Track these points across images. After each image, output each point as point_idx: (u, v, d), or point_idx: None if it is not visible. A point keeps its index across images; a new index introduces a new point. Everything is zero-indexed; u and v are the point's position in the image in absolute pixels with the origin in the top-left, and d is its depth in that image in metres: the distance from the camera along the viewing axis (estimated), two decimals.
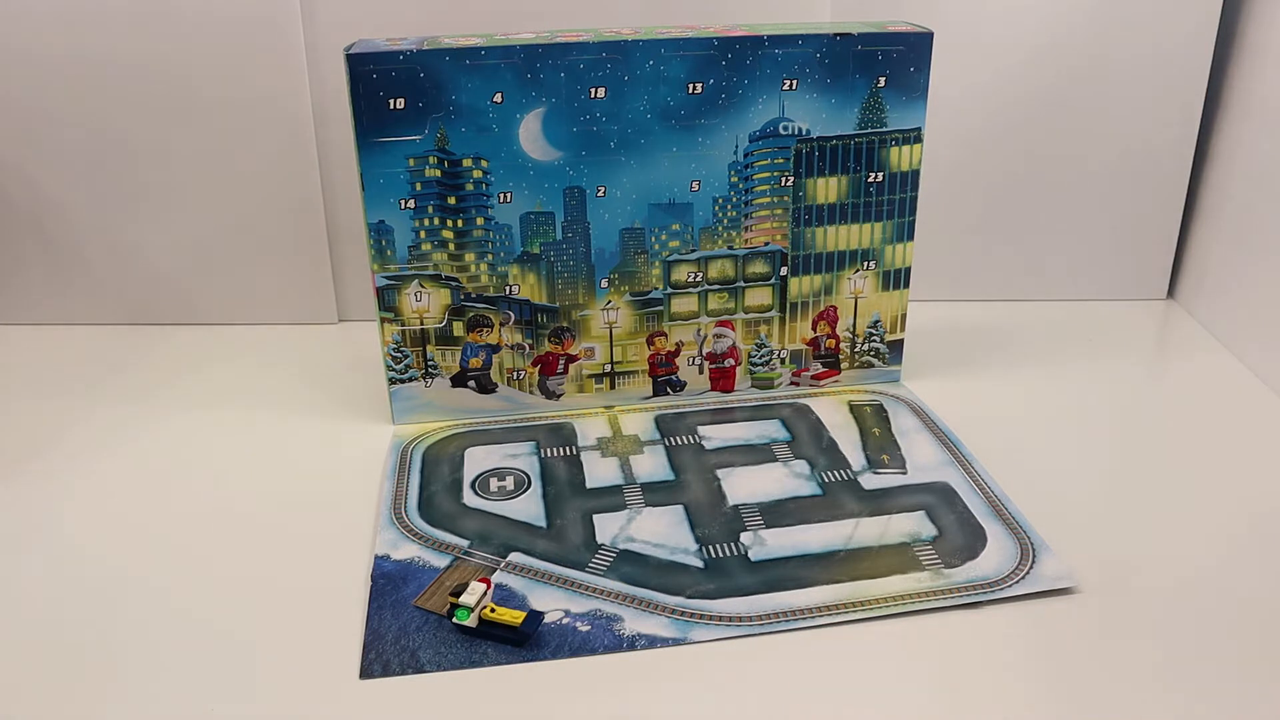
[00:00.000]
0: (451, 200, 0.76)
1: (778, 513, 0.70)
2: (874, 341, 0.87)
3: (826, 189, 0.80)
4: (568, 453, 0.78)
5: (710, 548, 0.66)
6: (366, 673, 0.56)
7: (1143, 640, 0.58)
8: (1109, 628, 0.59)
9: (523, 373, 0.82)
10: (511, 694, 0.55)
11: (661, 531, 0.68)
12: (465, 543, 0.67)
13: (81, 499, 0.73)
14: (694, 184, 0.78)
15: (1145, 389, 0.90)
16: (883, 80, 0.77)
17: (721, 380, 0.86)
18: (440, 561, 0.65)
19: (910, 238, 0.83)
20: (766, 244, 0.81)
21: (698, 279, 0.82)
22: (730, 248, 0.81)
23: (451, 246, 0.77)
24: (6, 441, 0.81)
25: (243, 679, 0.56)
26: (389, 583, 0.63)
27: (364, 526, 0.69)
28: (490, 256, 0.78)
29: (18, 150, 0.96)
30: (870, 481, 0.73)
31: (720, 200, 0.79)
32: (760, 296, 0.83)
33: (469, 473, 0.75)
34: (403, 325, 0.79)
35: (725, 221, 0.80)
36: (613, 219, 0.78)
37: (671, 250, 0.80)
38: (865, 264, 0.83)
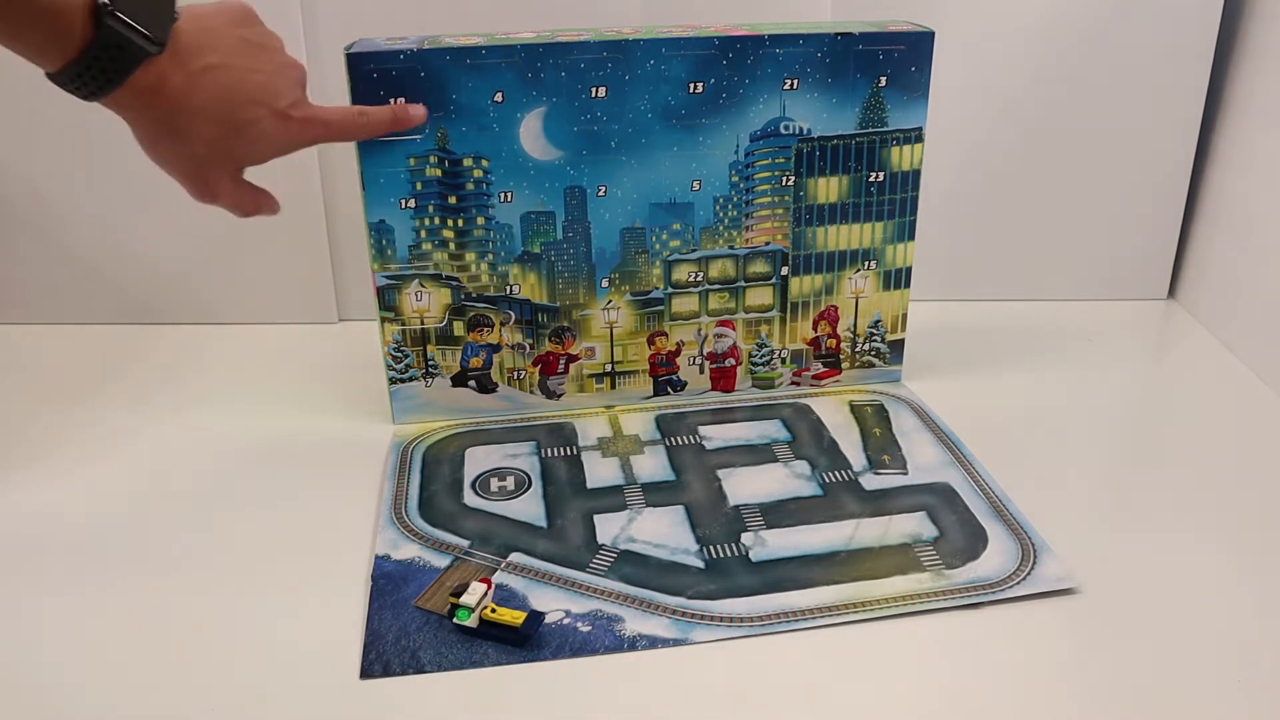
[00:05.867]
0: (452, 200, 0.76)
1: (779, 513, 0.70)
2: (875, 341, 0.86)
3: (827, 189, 0.80)
4: (568, 453, 0.78)
5: (711, 548, 0.66)
6: (366, 673, 0.56)
7: (1143, 640, 0.58)
8: (1109, 628, 0.59)
9: (523, 372, 0.82)
10: (511, 694, 0.55)
11: (662, 532, 0.68)
12: (466, 543, 0.67)
13: (81, 498, 0.73)
14: (695, 183, 0.78)
15: (1145, 389, 0.90)
16: (884, 80, 0.77)
17: (722, 380, 0.86)
18: (441, 561, 0.65)
19: (911, 237, 0.83)
20: (767, 243, 0.81)
21: (698, 278, 0.82)
22: (731, 247, 0.81)
23: (452, 246, 0.77)
24: (6, 440, 0.80)
25: (244, 679, 0.56)
26: (389, 583, 0.63)
27: (364, 526, 0.69)
28: (491, 256, 0.78)
29: (18, 150, 0.95)
30: (871, 482, 0.73)
31: (721, 200, 0.79)
32: (761, 296, 0.83)
33: (469, 473, 0.75)
34: (403, 325, 0.79)
35: (726, 221, 0.80)
36: (613, 218, 0.78)
37: (672, 250, 0.80)
38: (866, 264, 0.83)
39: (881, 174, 0.80)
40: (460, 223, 0.77)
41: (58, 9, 0.46)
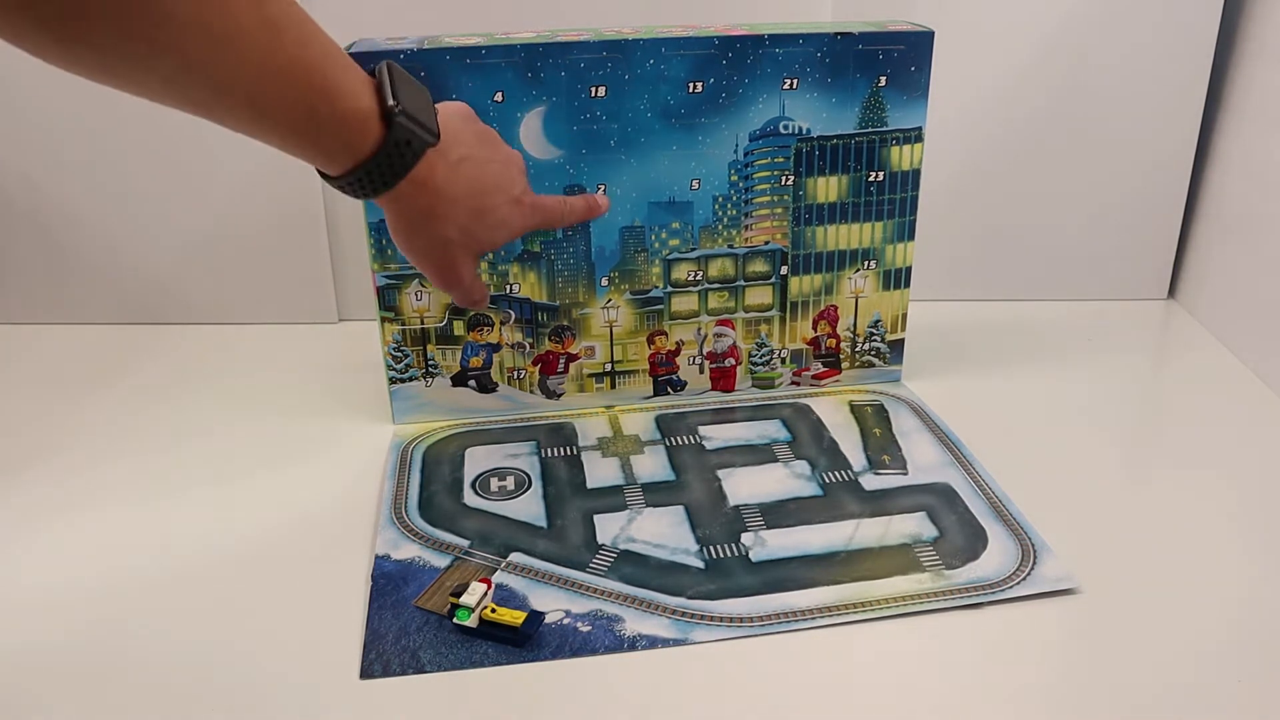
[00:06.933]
0: None
1: (778, 513, 0.70)
2: (875, 341, 0.86)
3: (827, 188, 0.80)
4: (568, 453, 0.78)
5: (711, 548, 0.66)
6: (366, 673, 0.56)
7: (1143, 640, 0.58)
8: (1109, 628, 0.59)
9: (523, 372, 0.82)
10: (511, 694, 0.55)
11: (662, 532, 0.68)
12: (466, 543, 0.67)
13: (81, 498, 0.73)
14: (694, 183, 0.78)
15: (1146, 389, 0.90)
16: (883, 79, 0.77)
17: (722, 380, 0.86)
18: (441, 561, 0.65)
19: (911, 237, 0.83)
20: (767, 243, 0.81)
21: (698, 278, 0.82)
22: (730, 246, 0.81)
23: None
24: (6, 440, 0.80)
25: (244, 679, 0.56)
26: (389, 583, 0.63)
27: (364, 526, 0.69)
28: (490, 255, 0.78)
29: (18, 150, 0.95)
30: (871, 482, 0.73)
31: (720, 199, 0.79)
32: (760, 295, 0.83)
33: (469, 472, 0.75)
34: (403, 325, 0.79)
35: (725, 220, 0.80)
36: (613, 217, 0.78)
37: (672, 249, 0.80)
38: (866, 263, 0.83)
39: (881, 174, 0.80)
40: None
41: (355, 115, 0.51)
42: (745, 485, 0.73)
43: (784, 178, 0.79)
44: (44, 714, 0.54)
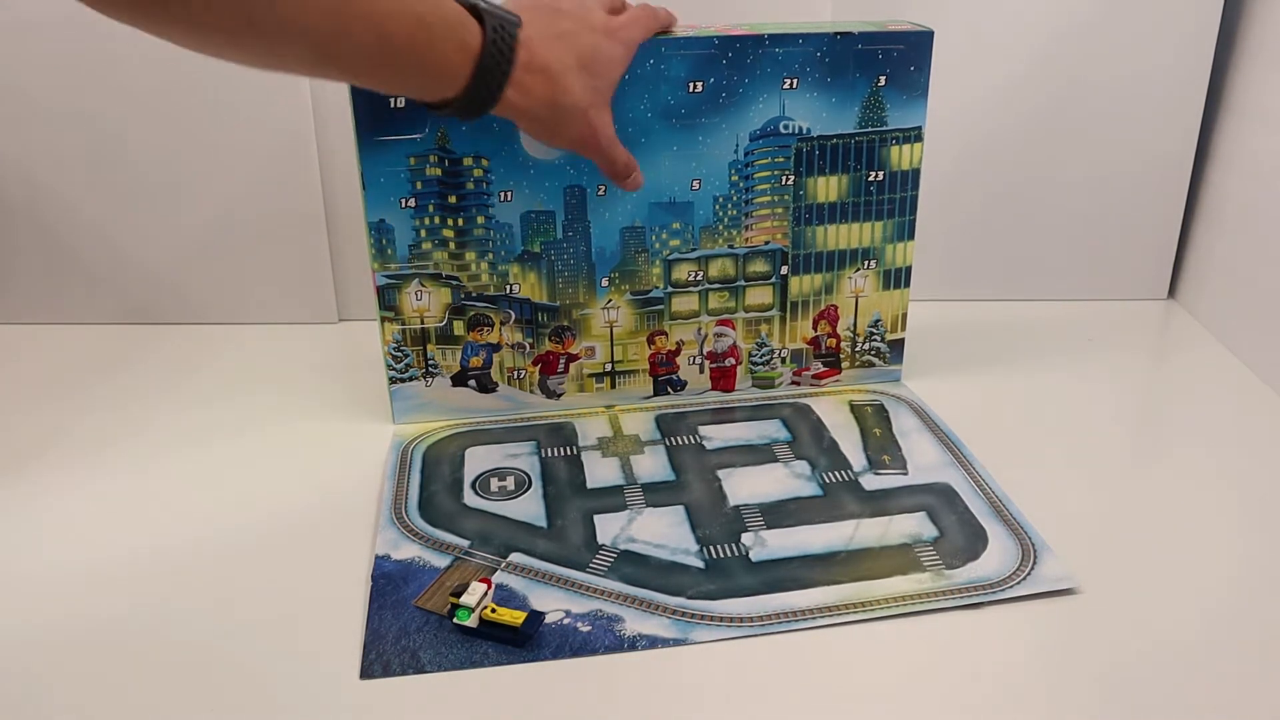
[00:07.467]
0: (452, 199, 0.76)
1: (779, 513, 0.70)
2: (875, 341, 0.86)
3: (827, 188, 0.80)
4: (568, 453, 0.78)
5: (711, 548, 0.66)
6: (366, 673, 0.56)
7: (1143, 640, 0.58)
8: (1109, 628, 0.59)
9: (523, 372, 0.82)
10: (511, 694, 0.55)
11: (662, 532, 0.68)
12: (466, 543, 0.67)
13: (81, 499, 0.73)
14: (694, 183, 0.78)
15: (1146, 389, 0.90)
16: (883, 79, 0.77)
17: (722, 380, 0.86)
18: (441, 561, 0.65)
19: (911, 237, 0.83)
20: (767, 243, 0.81)
21: (698, 278, 0.82)
22: (731, 246, 0.81)
23: (452, 245, 0.77)
24: (6, 441, 0.80)
25: (243, 679, 0.56)
26: (389, 583, 0.63)
27: (364, 526, 0.69)
28: (491, 255, 0.78)
29: (17, 149, 0.95)
30: (871, 482, 0.73)
31: (721, 199, 0.79)
32: (761, 295, 0.83)
33: (469, 472, 0.75)
34: (403, 324, 0.79)
35: (726, 220, 0.80)
36: (613, 218, 0.78)
37: (672, 249, 0.80)
38: (866, 263, 0.83)
39: (881, 173, 0.80)
40: (460, 222, 0.77)
41: (456, 14, 0.57)
42: (745, 485, 0.73)
43: (784, 178, 0.79)
44: (45, 713, 0.54)
